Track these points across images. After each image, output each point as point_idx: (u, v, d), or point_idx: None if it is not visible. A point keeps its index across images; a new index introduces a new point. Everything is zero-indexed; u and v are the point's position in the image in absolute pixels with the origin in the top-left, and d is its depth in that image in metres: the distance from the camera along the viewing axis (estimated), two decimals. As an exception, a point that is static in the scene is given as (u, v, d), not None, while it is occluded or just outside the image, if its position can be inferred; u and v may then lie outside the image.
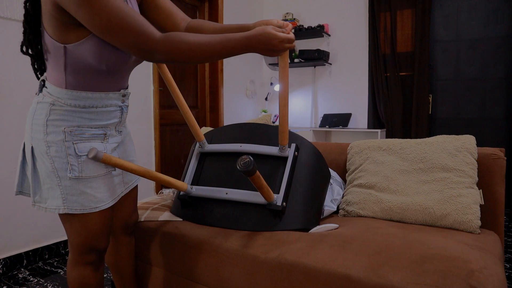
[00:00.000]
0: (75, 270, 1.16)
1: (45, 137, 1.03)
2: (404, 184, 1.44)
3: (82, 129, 1.06)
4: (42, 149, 1.04)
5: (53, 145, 1.03)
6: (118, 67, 1.07)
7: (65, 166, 1.03)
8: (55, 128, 1.03)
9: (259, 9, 4.48)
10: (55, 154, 1.03)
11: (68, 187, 1.04)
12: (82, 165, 1.05)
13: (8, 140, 2.12)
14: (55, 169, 1.03)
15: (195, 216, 1.41)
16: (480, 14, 3.52)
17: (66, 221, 1.10)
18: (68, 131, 1.04)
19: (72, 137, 1.04)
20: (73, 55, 0.99)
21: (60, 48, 0.99)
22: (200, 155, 1.51)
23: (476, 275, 0.94)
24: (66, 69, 1.02)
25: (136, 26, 0.91)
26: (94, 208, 1.08)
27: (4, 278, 2.08)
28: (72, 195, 1.05)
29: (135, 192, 1.34)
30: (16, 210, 2.17)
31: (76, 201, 1.05)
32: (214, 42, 0.99)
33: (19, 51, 2.14)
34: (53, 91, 1.04)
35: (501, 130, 3.51)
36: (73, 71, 1.02)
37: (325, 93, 4.24)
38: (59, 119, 1.03)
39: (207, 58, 1.00)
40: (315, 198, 1.37)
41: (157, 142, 3.12)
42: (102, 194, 1.10)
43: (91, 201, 1.07)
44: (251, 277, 1.19)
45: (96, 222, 1.11)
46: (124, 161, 1.05)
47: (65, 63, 1.01)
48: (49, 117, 1.03)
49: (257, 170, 1.07)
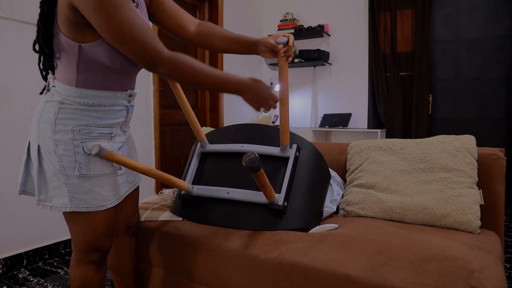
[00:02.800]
0: (78, 269, 1.17)
1: (53, 136, 1.04)
2: (404, 184, 1.44)
3: (90, 128, 1.08)
4: (49, 147, 1.05)
5: (61, 143, 1.04)
6: (129, 68, 1.11)
7: (73, 165, 1.05)
8: (64, 126, 1.05)
9: (259, 9, 4.48)
10: (63, 152, 1.04)
11: (76, 185, 1.06)
12: (90, 164, 1.06)
13: (8, 140, 2.12)
14: (62, 167, 1.05)
15: (196, 215, 1.42)
16: (480, 14, 3.52)
17: (71, 220, 1.11)
18: (77, 129, 1.05)
19: (81, 136, 1.06)
20: (87, 54, 1.02)
21: (75, 46, 1.01)
22: (201, 155, 1.51)
23: (476, 275, 0.94)
24: (79, 67, 1.04)
25: (146, 39, 0.97)
26: (100, 207, 1.09)
27: (4, 278, 2.08)
28: (79, 193, 1.06)
29: (137, 193, 1.35)
30: (16, 210, 2.17)
31: (83, 199, 1.07)
32: (213, 76, 1.07)
33: (20, 51, 2.15)
34: (62, 90, 1.06)
35: (501, 130, 3.51)
36: (85, 69, 1.04)
37: (325, 93, 4.24)
38: (68, 118, 1.05)
39: (202, 87, 1.08)
40: (315, 198, 1.37)
41: (157, 142, 3.12)
42: (108, 192, 1.11)
43: (98, 199, 1.08)
44: (251, 277, 1.19)
45: (101, 221, 1.12)
46: (127, 158, 1.06)
47: (78, 61, 1.03)
48: (58, 115, 1.05)
49: (261, 167, 1.08)
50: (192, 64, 1.03)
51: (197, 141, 1.53)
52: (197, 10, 3.77)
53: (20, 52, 2.16)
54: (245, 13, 4.21)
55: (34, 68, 2.19)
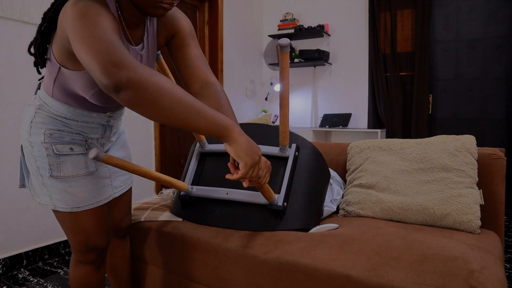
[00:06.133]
0: (76, 269, 1.18)
1: (29, 137, 1.08)
2: (404, 184, 1.44)
3: (62, 133, 1.09)
4: (27, 148, 1.08)
5: (35, 145, 1.07)
6: (104, 101, 1.04)
7: (45, 166, 1.07)
8: (37, 129, 1.07)
9: (259, 9, 4.48)
10: (37, 153, 1.07)
11: (50, 185, 1.08)
12: (61, 165, 1.08)
13: (8, 140, 2.12)
14: (37, 168, 1.08)
15: (196, 216, 1.41)
16: (480, 14, 3.52)
17: (58, 219, 1.13)
18: (48, 133, 1.07)
19: (51, 140, 1.07)
20: (64, 77, 1.02)
21: (56, 66, 1.01)
22: (200, 155, 1.51)
23: (476, 275, 0.94)
24: (55, 83, 1.05)
25: (114, 46, 0.78)
26: (76, 208, 1.10)
27: (4, 278, 2.08)
28: (54, 193, 1.08)
29: (128, 196, 1.35)
30: (16, 210, 2.16)
31: (59, 199, 1.08)
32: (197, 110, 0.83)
33: (20, 51, 2.15)
34: (43, 96, 1.09)
35: (501, 130, 3.51)
36: (59, 88, 1.05)
37: (325, 93, 4.24)
38: (41, 122, 1.07)
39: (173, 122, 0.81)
40: (315, 198, 1.37)
41: (157, 142, 3.12)
42: (84, 194, 1.11)
43: (73, 200, 1.09)
44: (251, 277, 1.19)
45: (86, 221, 1.12)
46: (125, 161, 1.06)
47: (55, 79, 1.04)
48: (33, 119, 1.08)
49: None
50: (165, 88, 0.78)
51: (196, 141, 1.53)
52: (197, 10, 3.76)
53: (20, 52, 2.16)
54: (245, 13, 4.21)
55: (34, 69, 2.19)
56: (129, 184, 1.33)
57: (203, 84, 1.12)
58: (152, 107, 0.77)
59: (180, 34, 1.12)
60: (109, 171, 1.22)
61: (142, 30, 1.07)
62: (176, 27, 1.12)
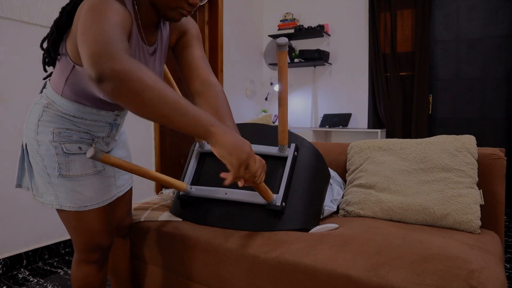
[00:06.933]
0: (79, 268, 1.18)
1: (36, 136, 1.07)
2: (404, 184, 1.43)
3: (70, 132, 1.09)
4: (33, 147, 1.07)
5: (42, 144, 1.06)
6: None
7: (53, 165, 1.06)
8: (45, 128, 1.06)
9: (259, 9, 4.48)
10: (45, 152, 1.06)
11: (58, 184, 1.07)
12: (70, 164, 1.07)
13: (8, 140, 2.12)
14: (44, 167, 1.07)
15: (195, 216, 1.41)
16: (480, 14, 3.52)
17: (63, 218, 1.13)
18: (57, 132, 1.07)
19: (60, 138, 1.07)
20: (77, 75, 1.01)
21: (70, 64, 1.01)
22: (200, 155, 1.51)
23: (476, 275, 0.94)
24: (66, 81, 1.04)
25: (109, 38, 0.78)
26: (84, 207, 1.10)
27: (4, 278, 2.07)
28: (61, 192, 1.08)
29: (129, 196, 1.36)
30: (16, 210, 2.16)
31: (66, 198, 1.08)
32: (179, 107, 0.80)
33: (20, 51, 2.15)
34: (50, 94, 1.08)
35: (501, 130, 3.51)
36: (71, 87, 1.04)
37: (325, 93, 4.24)
38: (49, 121, 1.07)
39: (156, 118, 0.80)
40: (315, 198, 1.37)
41: (157, 142, 3.12)
42: (91, 193, 1.11)
43: (81, 199, 1.09)
44: (251, 277, 1.18)
45: (92, 220, 1.12)
46: (123, 161, 1.06)
47: (68, 77, 1.03)
48: (41, 117, 1.07)
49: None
50: (149, 82, 0.76)
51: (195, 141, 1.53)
52: (197, 10, 3.76)
53: (20, 52, 2.16)
54: (245, 13, 4.21)
55: (34, 68, 2.19)
56: (130, 183, 1.33)
57: (203, 84, 1.14)
58: (133, 101, 0.76)
59: (187, 35, 1.15)
60: (113, 170, 1.22)
61: (156, 31, 1.08)
62: (185, 28, 1.15)
